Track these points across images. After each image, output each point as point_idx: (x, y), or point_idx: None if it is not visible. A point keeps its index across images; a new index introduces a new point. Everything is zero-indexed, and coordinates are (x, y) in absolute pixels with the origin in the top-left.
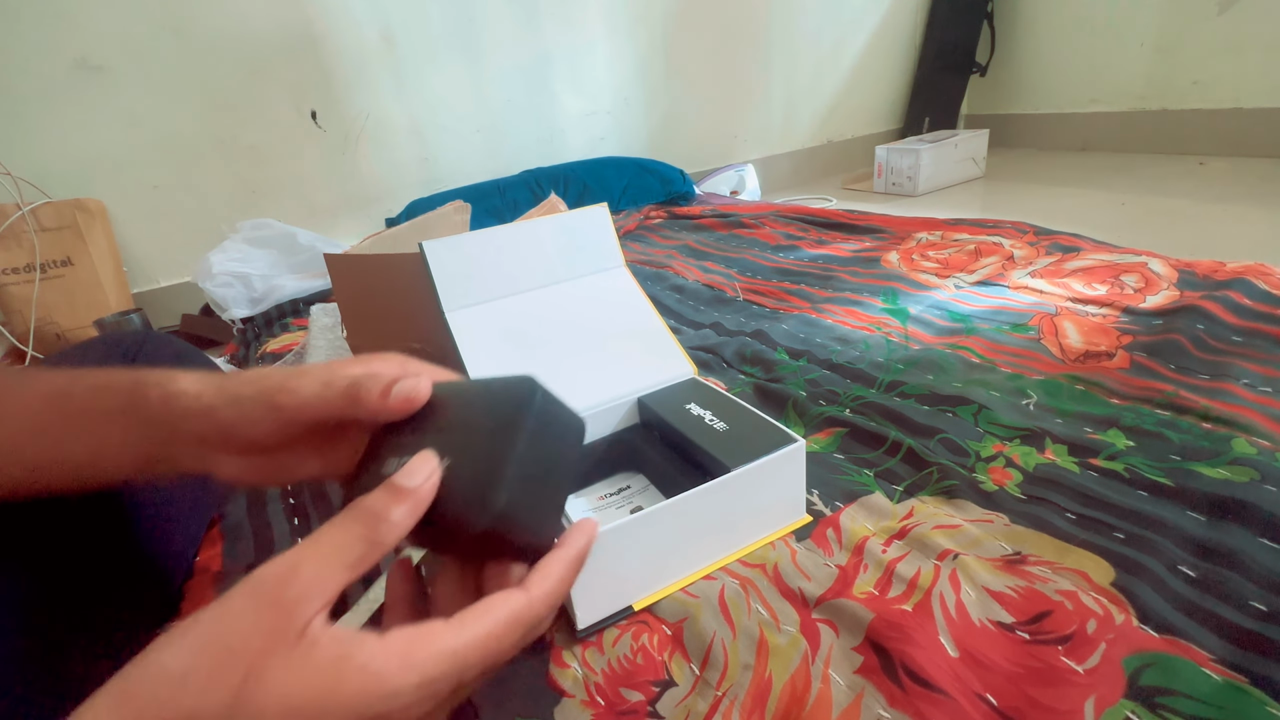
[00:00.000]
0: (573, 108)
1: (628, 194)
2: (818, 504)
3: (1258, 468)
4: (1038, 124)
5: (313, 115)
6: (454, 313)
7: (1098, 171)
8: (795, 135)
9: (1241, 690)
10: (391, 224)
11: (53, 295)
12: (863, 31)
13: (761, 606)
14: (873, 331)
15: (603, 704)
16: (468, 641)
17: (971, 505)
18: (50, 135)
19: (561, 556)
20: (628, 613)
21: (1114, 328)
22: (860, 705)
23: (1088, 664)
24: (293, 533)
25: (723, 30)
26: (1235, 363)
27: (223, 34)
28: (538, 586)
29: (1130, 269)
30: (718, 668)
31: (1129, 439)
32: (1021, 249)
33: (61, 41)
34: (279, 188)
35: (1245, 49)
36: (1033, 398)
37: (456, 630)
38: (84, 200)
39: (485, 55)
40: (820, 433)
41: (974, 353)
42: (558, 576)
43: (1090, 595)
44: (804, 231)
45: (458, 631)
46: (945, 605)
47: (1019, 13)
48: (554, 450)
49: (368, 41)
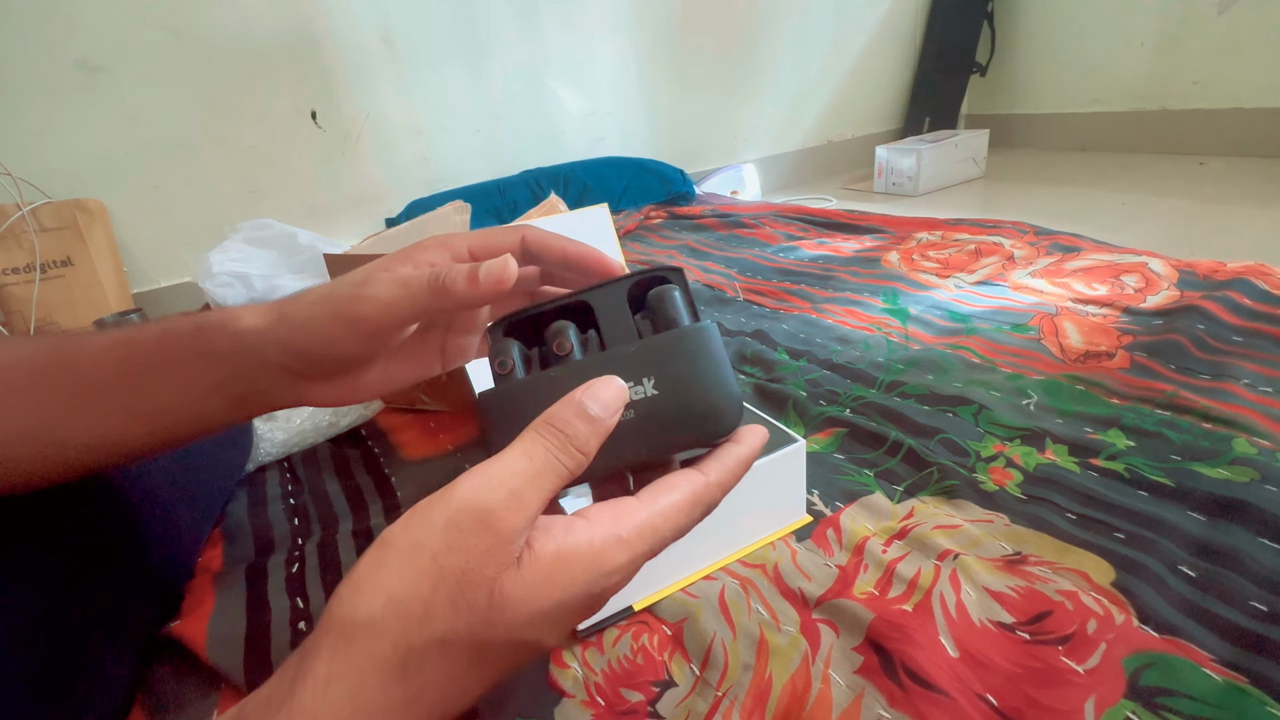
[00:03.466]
0: (573, 108)
1: (628, 194)
2: (818, 504)
3: (1258, 468)
4: (1038, 124)
5: (313, 115)
6: None
7: (1098, 171)
8: (795, 135)
9: (1242, 690)
10: (391, 224)
11: (53, 295)
12: (863, 31)
13: (762, 607)
14: (873, 331)
15: (603, 704)
16: (661, 511)
17: (972, 505)
18: (50, 135)
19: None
20: (628, 613)
21: (1114, 328)
22: (860, 705)
23: (1088, 664)
24: (293, 533)
25: (723, 30)
26: (1236, 363)
27: (223, 34)
28: (715, 472)
29: (1130, 269)
30: (718, 668)
31: (1129, 439)
32: (1022, 249)
33: (61, 41)
34: (279, 188)
35: (1245, 49)
36: (1033, 398)
37: (649, 504)
38: (84, 200)
39: (485, 55)
40: (820, 433)
41: (974, 353)
42: (733, 466)
43: (1090, 595)
44: (804, 231)
45: (649, 505)
46: (945, 605)
47: (1019, 13)
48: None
49: (368, 41)
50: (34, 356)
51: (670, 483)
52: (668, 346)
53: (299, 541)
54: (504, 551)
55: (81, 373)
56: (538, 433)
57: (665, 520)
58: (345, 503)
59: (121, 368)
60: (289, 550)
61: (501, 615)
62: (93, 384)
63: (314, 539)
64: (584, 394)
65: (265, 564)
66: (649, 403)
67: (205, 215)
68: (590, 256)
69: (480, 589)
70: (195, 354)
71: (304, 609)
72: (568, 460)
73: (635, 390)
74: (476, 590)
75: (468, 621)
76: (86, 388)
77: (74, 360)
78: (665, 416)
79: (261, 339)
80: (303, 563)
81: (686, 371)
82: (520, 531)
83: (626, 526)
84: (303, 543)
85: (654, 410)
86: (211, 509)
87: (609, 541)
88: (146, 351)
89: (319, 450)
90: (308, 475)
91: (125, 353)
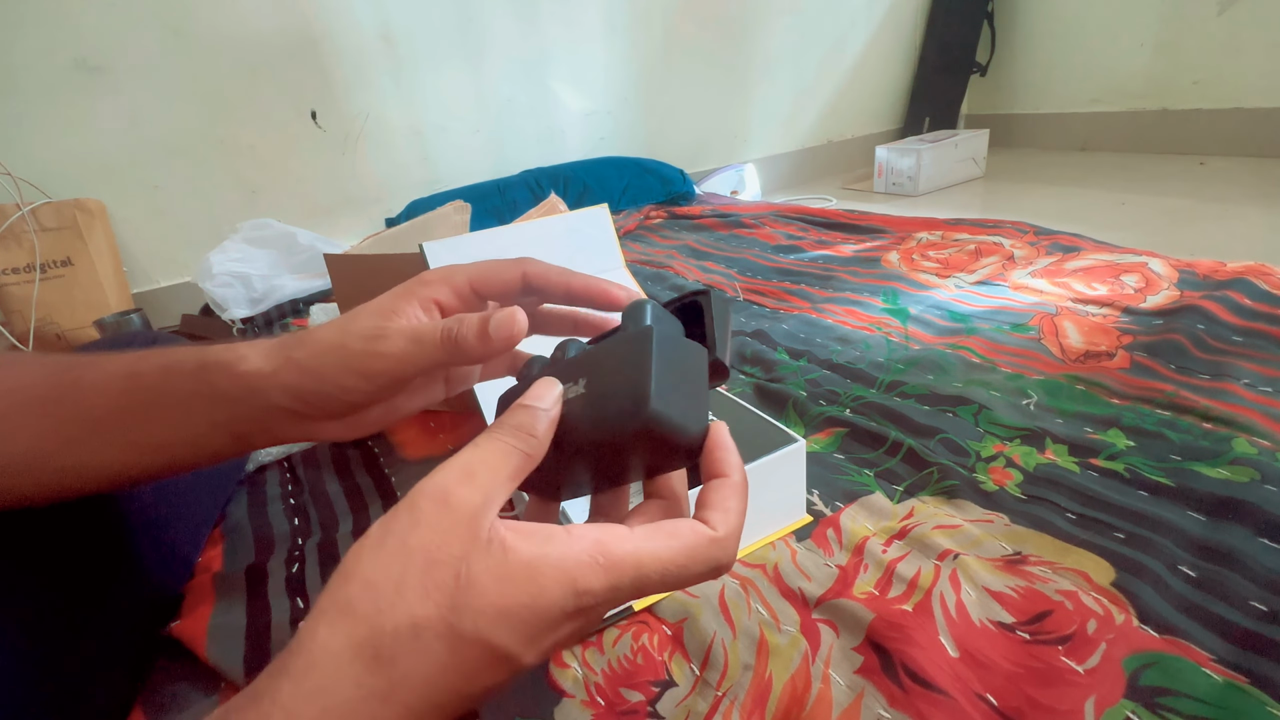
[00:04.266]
0: (573, 107)
1: (628, 194)
2: (818, 504)
3: (1258, 468)
4: (1038, 124)
5: (312, 115)
6: None
7: (1098, 171)
8: (795, 135)
9: (1242, 690)
10: (391, 224)
11: (53, 295)
12: (863, 31)
13: (762, 606)
14: (873, 331)
15: (603, 704)
16: (652, 553)
17: (972, 505)
18: (50, 135)
19: (735, 487)
20: (628, 612)
21: (1114, 328)
22: (860, 705)
23: (1088, 664)
24: (292, 533)
25: (723, 30)
26: (1236, 363)
27: (222, 34)
28: (722, 525)
29: (1131, 269)
30: (718, 668)
31: (1129, 439)
32: (1022, 249)
33: (61, 41)
34: (279, 188)
35: (1246, 48)
36: (1033, 398)
37: (640, 540)
38: (84, 200)
39: (485, 55)
40: (820, 433)
41: (974, 353)
42: (738, 510)
43: (1090, 595)
44: (804, 231)
45: (640, 541)
46: (945, 605)
47: (1019, 12)
48: (683, 352)
49: (367, 41)
50: (35, 383)
51: (673, 528)
52: (599, 350)
53: (299, 541)
54: (465, 529)
55: (82, 403)
56: (487, 430)
57: (655, 563)
58: (345, 503)
59: (123, 401)
60: (289, 550)
61: (468, 600)
62: (92, 415)
63: (314, 539)
64: (525, 398)
65: (265, 564)
66: (579, 400)
67: (205, 215)
68: (594, 289)
69: (445, 568)
70: (197, 393)
71: (304, 609)
72: (515, 441)
73: (571, 389)
74: (442, 569)
75: (436, 602)
76: (86, 418)
77: (75, 389)
78: (591, 411)
79: (266, 383)
80: (303, 563)
81: (611, 370)
82: (479, 510)
83: (608, 553)
84: (303, 543)
85: (584, 406)
86: (211, 509)
87: (584, 563)
88: (148, 386)
89: (319, 450)
90: (308, 475)
91: (128, 386)
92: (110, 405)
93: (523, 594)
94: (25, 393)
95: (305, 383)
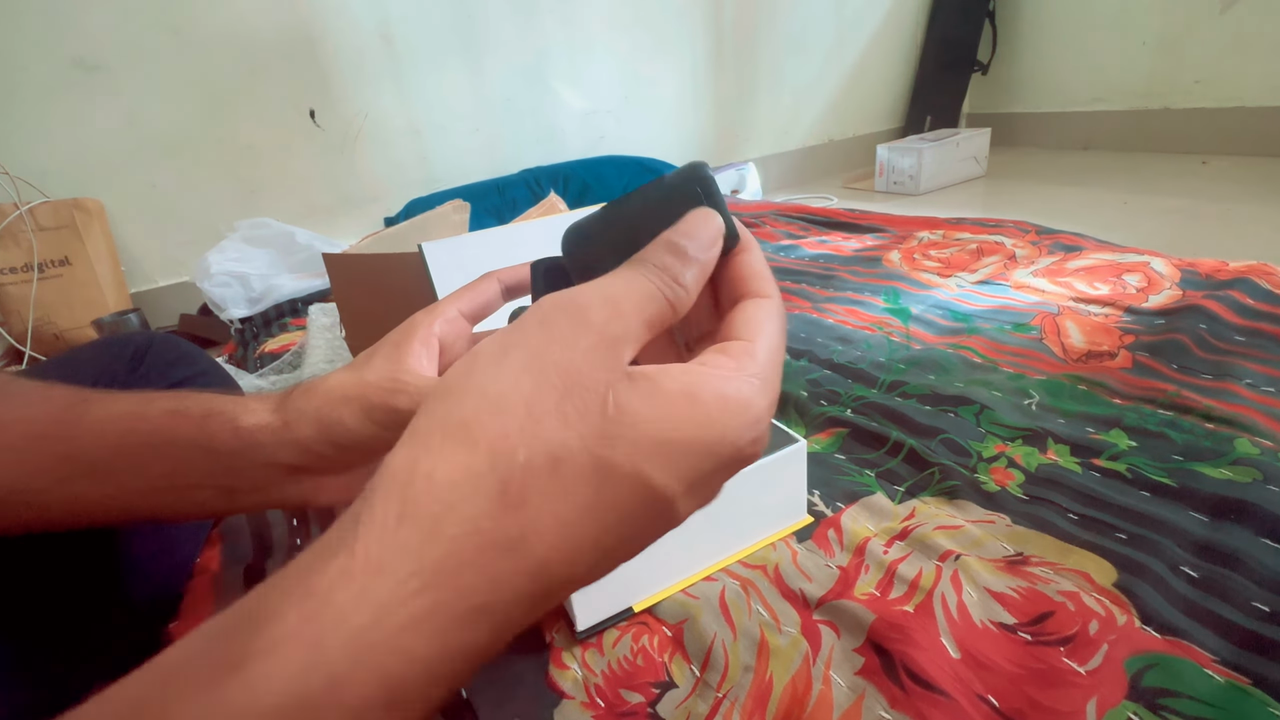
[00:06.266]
0: (573, 107)
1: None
2: (819, 505)
3: (1260, 468)
4: (1040, 123)
5: (311, 114)
6: None
7: (1100, 170)
8: (796, 134)
9: (1244, 691)
10: (390, 223)
11: (51, 295)
12: (864, 30)
13: (762, 607)
14: (874, 331)
15: (603, 705)
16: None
17: (973, 506)
18: (48, 135)
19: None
20: (628, 614)
21: (1116, 327)
22: (861, 706)
23: (1089, 665)
24: (292, 533)
25: (723, 29)
26: (1238, 363)
27: (221, 33)
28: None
29: (1133, 268)
30: (718, 669)
31: (1131, 439)
32: (1023, 248)
33: (60, 41)
34: (277, 187)
35: (1248, 47)
36: (1035, 398)
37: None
38: (82, 200)
39: (485, 54)
40: (821, 433)
41: (976, 352)
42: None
43: (1092, 596)
44: (805, 230)
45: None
46: (947, 606)
47: (1021, 11)
48: None
49: (366, 40)
50: (35, 418)
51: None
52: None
53: (298, 542)
54: (610, 354)
55: (80, 444)
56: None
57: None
58: None
59: (122, 445)
60: (288, 550)
61: (620, 429)
62: (88, 458)
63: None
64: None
65: (264, 564)
66: None
67: (203, 214)
68: None
69: (591, 394)
70: (195, 443)
71: None
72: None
73: None
74: (587, 395)
75: (580, 433)
76: (81, 460)
77: (75, 428)
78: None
79: (275, 438)
80: None
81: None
82: (621, 340)
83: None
84: (301, 543)
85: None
86: None
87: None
88: (150, 430)
89: None
90: None
91: (130, 427)
92: (107, 450)
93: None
94: (25, 426)
95: (320, 433)
